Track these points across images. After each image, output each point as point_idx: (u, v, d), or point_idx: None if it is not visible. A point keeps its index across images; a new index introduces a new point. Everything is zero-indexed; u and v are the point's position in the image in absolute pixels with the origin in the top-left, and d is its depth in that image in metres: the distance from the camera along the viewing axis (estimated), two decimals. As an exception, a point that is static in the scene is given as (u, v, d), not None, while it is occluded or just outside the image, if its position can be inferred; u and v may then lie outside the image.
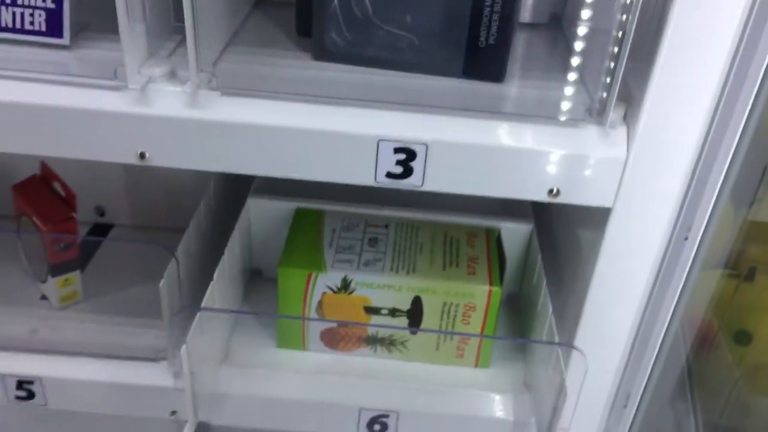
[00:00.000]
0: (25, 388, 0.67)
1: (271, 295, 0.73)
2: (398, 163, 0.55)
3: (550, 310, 0.65)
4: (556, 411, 0.62)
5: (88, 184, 0.81)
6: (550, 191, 0.56)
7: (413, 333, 0.70)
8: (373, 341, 0.71)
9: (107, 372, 0.67)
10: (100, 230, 0.87)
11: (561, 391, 0.60)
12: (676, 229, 0.57)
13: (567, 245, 0.71)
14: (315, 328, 0.71)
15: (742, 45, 0.50)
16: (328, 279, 0.68)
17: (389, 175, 0.56)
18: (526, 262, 0.77)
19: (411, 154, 0.55)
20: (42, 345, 0.69)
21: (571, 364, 0.64)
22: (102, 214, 0.87)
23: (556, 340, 0.63)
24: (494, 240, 0.73)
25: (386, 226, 0.74)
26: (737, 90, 0.51)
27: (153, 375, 0.67)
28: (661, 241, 0.58)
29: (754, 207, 0.59)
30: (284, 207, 0.76)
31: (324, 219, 0.74)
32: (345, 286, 0.68)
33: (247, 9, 0.70)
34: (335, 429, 0.69)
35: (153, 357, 0.67)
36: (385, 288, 0.68)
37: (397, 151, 0.55)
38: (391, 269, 0.69)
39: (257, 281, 0.81)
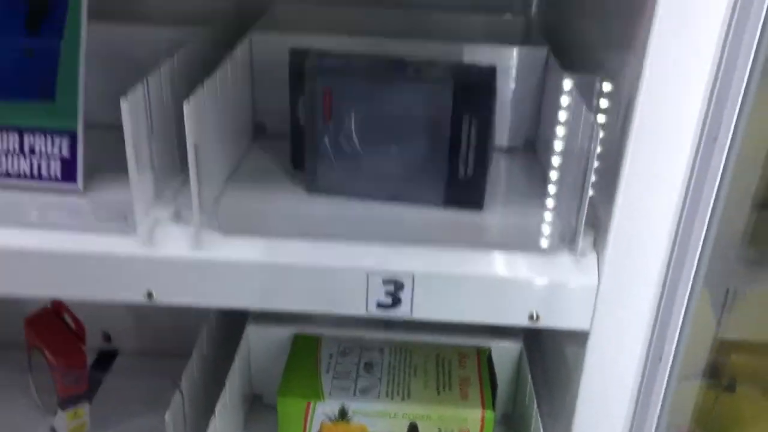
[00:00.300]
0: None
1: (271, 422, 0.74)
2: (387, 293, 0.59)
3: (541, 430, 0.67)
4: None
5: (94, 311, 0.84)
6: (531, 316, 0.59)
7: None
8: None
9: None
10: (107, 356, 0.90)
11: None
12: (651, 346, 0.60)
13: (554, 364, 0.74)
14: None
15: (694, 176, 0.55)
16: (326, 407, 0.70)
17: (380, 305, 0.60)
18: (518, 382, 0.79)
19: (399, 285, 0.59)
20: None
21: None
22: (108, 339, 0.90)
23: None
24: (485, 360, 0.76)
25: (381, 350, 0.77)
26: (693, 215, 0.55)
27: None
28: (639, 358, 0.61)
29: (722, 326, 0.62)
30: (282, 333, 0.79)
31: (321, 344, 0.77)
32: (343, 414, 0.70)
33: (247, 142, 0.76)
34: None
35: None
36: (381, 415, 0.70)
37: (385, 282, 0.59)
38: (387, 395, 0.71)
39: (258, 407, 0.83)
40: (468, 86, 0.62)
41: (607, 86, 0.58)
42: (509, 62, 0.73)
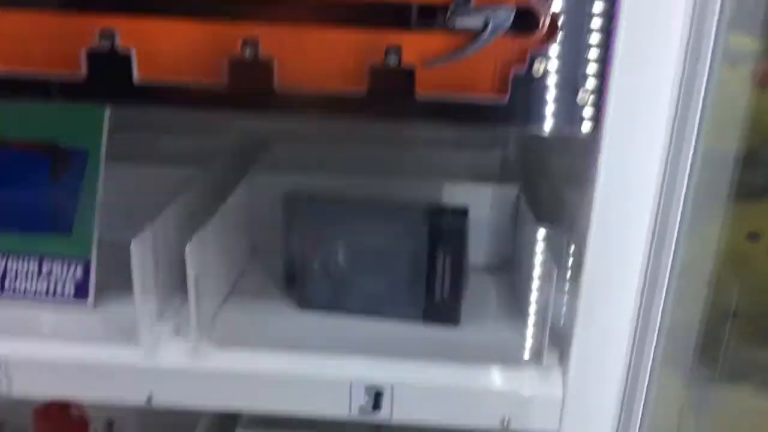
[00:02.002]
0: None
1: None
2: (368, 400, 0.64)
3: None
4: None
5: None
6: (502, 421, 0.64)
7: None
8: None
9: None
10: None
11: None
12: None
13: None
14: None
15: (645, 293, 0.61)
16: None
17: (361, 410, 0.65)
18: None
19: (379, 393, 0.64)
20: None
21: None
22: (111, 427, 0.93)
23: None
24: None
25: None
26: (644, 333, 0.61)
27: None
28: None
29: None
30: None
31: None
32: None
33: (243, 262, 0.83)
34: None
35: None
36: None
37: (367, 390, 0.64)
38: None
39: None
40: (441, 229, 0.70)
41: (572, 246, 0.64)
42: (485, 198, 0.82)
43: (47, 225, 0.72)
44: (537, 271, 0.68)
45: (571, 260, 0.64)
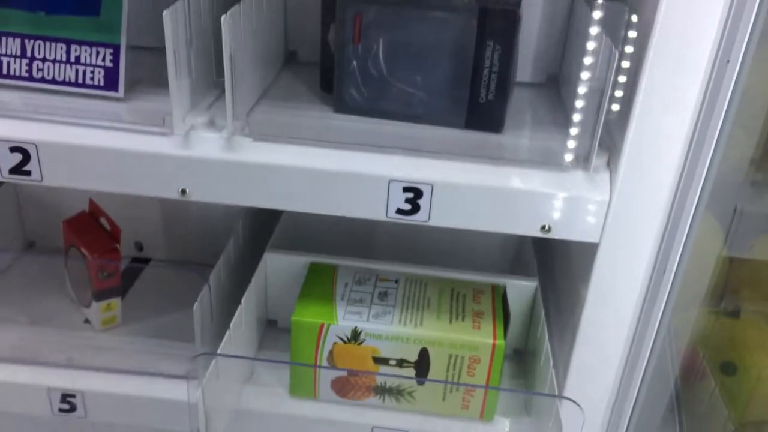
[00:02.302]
0: (68, 401, 0.74)
1: (285, 344, 0.76)
2: (407, 201, 0.63)
3: (551, 363, 0.69)
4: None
5: (129, 222, 0.88)
6: (543, 227, 0.63)
7: (420, 384, 0.73)
8: (381, 391, 0.73)
9: (142, 388, 0.74)
10: (139, 263, 0.94)
11: None
12: (657, 262, 0.63)
13: (566, 295, 0.77)
14: (326, 377, 0.74)
15: (707, 98, 0.57)
16: (339, 330, 0.72)
17: (399, 211, 0.63)
18: (531, 318, 0.81)
19: (418, 193, 0.62)
20: (84, 363, 0.76)
21: (569, 415, 0.66)
22: (141, 249, 0.95)
23: (557, 392, 0.67)
24: (499, 296, 0.76)
25: (396, 281, 0.78)
26: (703, 139, 0.58)
27: (184, 392, 0.73)
28: (645, 273, 0.64)
29: (728, 244, 0.65)
30: (299, 261, 0.80)
31: (337, 273, 0.78)
32: (355, 336, 0.72)
33: (278, 68, 0.79)
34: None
35: (184, 375, 0.73)
36: (393, 339, 0.71)
37: (405, 190, 0.62)
38: (400, 322, 0.72)
39: (272, 331, 0.85)
40: (493, 13, 0.64)
41: (634, 17, 0.59)
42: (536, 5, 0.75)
43: (74, 6, 0.68)
44: (590, 47, 0.61)
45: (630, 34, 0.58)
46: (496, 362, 0.72)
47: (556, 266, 0.84)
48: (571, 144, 0.63)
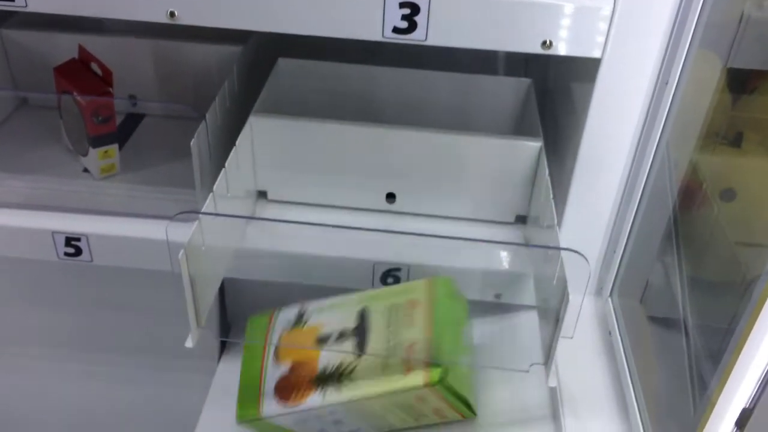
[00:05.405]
0: (73, 245, 0.75)
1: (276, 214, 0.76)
2: (403, 17, 0.60)
3: (555, 221, 0.65)
4: (559, 319, 0.57)
5: (121, 73, 0.86)
6: (543, 43, 0.61)
7: (359, 355, 0.63)
8: (322, 380, 0.63)
9: (147, 230, 0.74)
10: (133, 119, 0.93)
11: (564, 296, 0.55)
12: (659, 76, 0.62)
13: (565, 143, 0.75)
14: (271, 378, 0.66)
15: None
16: (286, 313, 0.68)
17: (395, 30, 0.61)
18: (535, 180, 0.77)
19: (415, 9, 0.60)
20: (86, 208, 0.76)
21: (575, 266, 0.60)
22: (134, 104, 0.94)
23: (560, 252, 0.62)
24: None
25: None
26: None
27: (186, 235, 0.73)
28: (647, 88, 0.63)
29: (732, 55, 0.63)
30: (287, 125, 0.76)
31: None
32: (299, 319, 0.67)
33: None
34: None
35: (185, 219, 0.73)
36: (333, 308, 0.66)
37: (402, 5, 0.60)
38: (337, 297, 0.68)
39: (262, 202, 0.82)
40: None
41: None
42: None
43: None
44: None
45: None
46: (438, 302, 0.63)
47: (559, 123, 0.82)
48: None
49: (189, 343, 0.62)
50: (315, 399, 0.61)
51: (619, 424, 0.64)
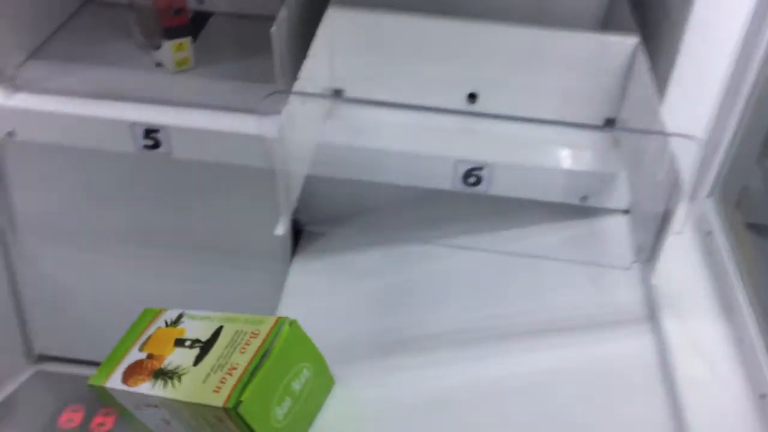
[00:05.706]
0: (152, 137, 0.74)
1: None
2: None
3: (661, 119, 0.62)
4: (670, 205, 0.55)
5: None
6: None
7: (195, 364, 0.64)
8: (160, 373, 0.65)
9: (227, 123, 0.73)
10: (201, 17, 0.91)
11: (676, 185, 0.54)
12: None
13: (658, 16, 0.71)
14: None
15: None
16: (171, 314, 0.69)
17: None
18: (630, 80, 0.72)
19: None
20: (164, 100, 0.75)
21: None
22: (202, 1, 0.91)
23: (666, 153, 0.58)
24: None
25: None
26: None
27: (267, 128, 0.69)
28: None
29: None
30: (366, 18, 0.73)
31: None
32: (177, 320, 0.68)
33: None
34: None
35: (264, 112, 0.71)
36: (201, 320, 0.67)
37: None
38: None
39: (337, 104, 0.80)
40: None
41: None
42: None
43: None
44: None
45: None
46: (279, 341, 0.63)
47: (648, 17, 0.77)
48: None
49: (279, 231, 0.61)
50: (145, 387, 0.64)
51: (724, 323, 0.63)
